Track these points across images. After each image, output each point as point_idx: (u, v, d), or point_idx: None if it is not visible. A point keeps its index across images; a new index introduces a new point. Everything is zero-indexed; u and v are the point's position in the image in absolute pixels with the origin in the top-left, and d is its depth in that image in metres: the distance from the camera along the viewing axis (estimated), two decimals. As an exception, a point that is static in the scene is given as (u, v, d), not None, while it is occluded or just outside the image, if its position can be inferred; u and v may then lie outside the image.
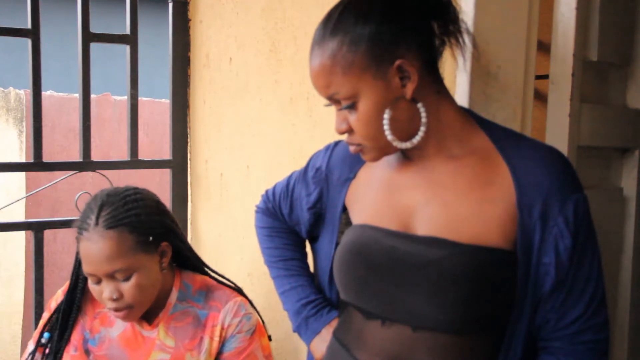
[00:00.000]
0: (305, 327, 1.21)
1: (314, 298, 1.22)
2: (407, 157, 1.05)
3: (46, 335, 1.41)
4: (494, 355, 0.99)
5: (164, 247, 1.36)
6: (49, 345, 1.40)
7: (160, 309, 1.40)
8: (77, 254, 1.38)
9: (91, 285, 1.32)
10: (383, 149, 1.00)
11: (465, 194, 0.98)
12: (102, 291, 1.30)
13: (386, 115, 0.95)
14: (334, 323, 1.17)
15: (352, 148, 1.02)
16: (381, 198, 1.06)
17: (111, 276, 1.28)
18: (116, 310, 1.31)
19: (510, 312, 0.97)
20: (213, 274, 1.51)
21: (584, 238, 0.95)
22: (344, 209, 1.13)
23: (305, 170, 1.23)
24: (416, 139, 0.98)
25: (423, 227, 1.00)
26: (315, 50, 0.98)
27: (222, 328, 1.39)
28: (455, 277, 0.94)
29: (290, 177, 1.28)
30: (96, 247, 1.27)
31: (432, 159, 1.02)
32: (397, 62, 0.94)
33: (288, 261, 1.28)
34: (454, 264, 0.95)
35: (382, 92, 0.95)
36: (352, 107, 0.96)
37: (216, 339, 1.38)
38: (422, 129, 0.98)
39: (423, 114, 0.97)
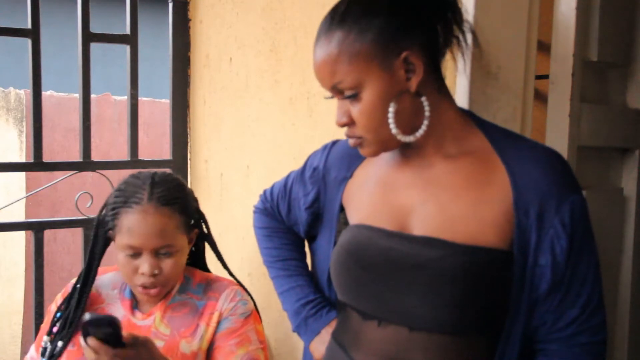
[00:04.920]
0: (304, 328, 1.21)
1: (313, 298, 1.21)
2: (404, 156, 1.05)
3: (58, 314, 1.42)
4: (490, 356, 0.98)
5: (193, 234, 1.43)
6: (57, 324, 1.40)
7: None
8: (97, 236, 1.39)
9: (124, 258, 1.33)
10: (383, 143, 1.00)
11: (461, 194, 0.98)
12: (137, 266, 1.32)
13: (391, 109, 0.95)
14: (334, 323, 1.17)
15: (351, 141, 1.02)
16: (377, 197, 1.06)
17: (156, 251, 1.32)
18: (152, 286, 1.33)
19: (506, 312, 0.97)
20: (214, 274, 1.51)
21: (580, 240, 0.95)
22: (342, 209, 1.13)
23: (303, 170, 1.23)
24: (419, 133, 0.98)
25: (419, 227, 1.00)
26: (321, 39, 0.98)
27: (220, 314, 1.40)
28: (451, 277, 0.94)
29: (288, 177, 1.28)
30: (152, 219, 1.30)
31: (429, 159, 1.02)
32: (404, 54, 0.94)
33: (287, 261, 1.28)
34: (449, 264, 0.95)
35: (387, 84, 0.95)
36: (355, 97, 0.96)
37: (213, 324, 1.39)
38: (426, 122, 0.98)
39: (427, 108, 0.97)
